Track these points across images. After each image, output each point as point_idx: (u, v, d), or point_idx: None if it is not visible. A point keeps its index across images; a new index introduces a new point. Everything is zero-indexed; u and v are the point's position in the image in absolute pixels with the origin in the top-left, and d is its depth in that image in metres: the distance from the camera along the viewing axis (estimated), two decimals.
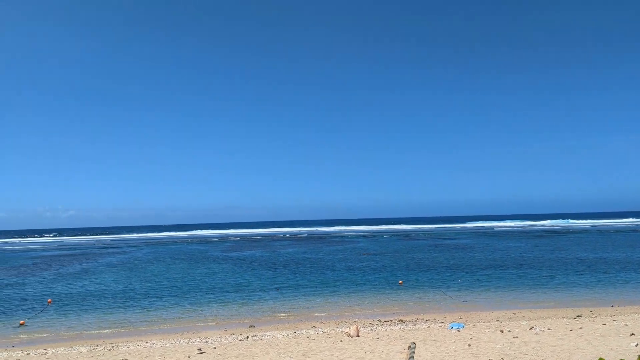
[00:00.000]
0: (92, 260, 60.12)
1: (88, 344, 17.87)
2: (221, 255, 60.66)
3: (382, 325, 19.76)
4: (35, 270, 48.68)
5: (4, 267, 53.41)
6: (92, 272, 44.25)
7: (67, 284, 35.99)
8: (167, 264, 50.76)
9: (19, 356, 16.03)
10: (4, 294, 31.74)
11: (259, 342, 16.92)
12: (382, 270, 39.85)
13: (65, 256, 68.55)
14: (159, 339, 18.56)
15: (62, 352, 16.58)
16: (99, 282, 36.62)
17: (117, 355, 15.10)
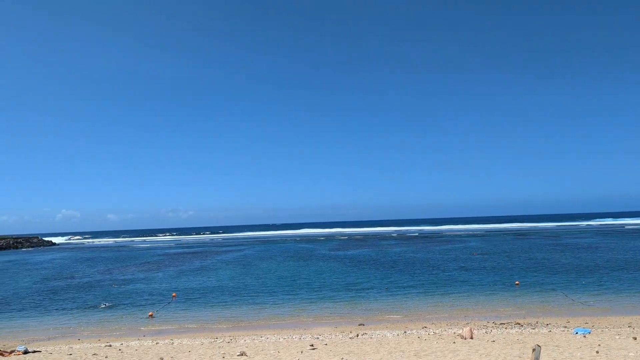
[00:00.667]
0: (209, 257, 64.04)
1: (209, 336, 18.98)
2: (329, 254, 61.62)
3: (498, 328, 18.76)
4: (160, 266, 52.90)
5: (134, 263, 58.69)
6: (210, 269, 47.11)
7: (188, 280, 38.63)
8: (277, 262, 52.60)
9: (150, 345, 17.44)
10: (135, 288, 34.83)
11: (369, 340, 16.86)
12: (496, 270, 37.96)
13: (185, 254, 73.74)
14: (272, 333, 19.22)
15: (186, 342, 17.77)
16: (216, 278, 38.85)
17: (235, 348, 15.85)
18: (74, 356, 15.09)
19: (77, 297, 31.78)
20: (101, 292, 33.24)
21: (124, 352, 15.59)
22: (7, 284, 40.43)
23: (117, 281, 39.75)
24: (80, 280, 41.55)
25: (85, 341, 19.11)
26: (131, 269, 50.74)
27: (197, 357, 14.03)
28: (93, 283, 39.16)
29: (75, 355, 15.20)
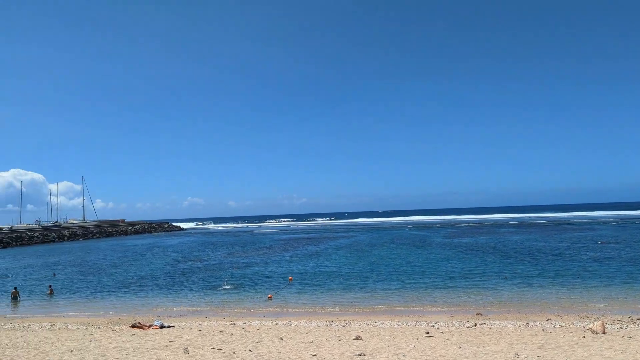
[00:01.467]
0: (322, 243, 65.55)
1: (324, 320, 19.44)
2: (443, 241, 60.11)
3: (635, 324, 17.01)
4: (277, 251, 55.23)
5: (253, 248, 61.88)
6: (323, 254, 48.22)
7: (303, 264, 39.87)
8: (390, 249, 52.41)
9: (270, 325, 18.28)
10: (254, 271, 36.71)
11: (488, 330, 16.16)
12: (635, 261, 34.48)
13: (300, 239, 76.18)
14: (387, 319, 19.19)
15: (303, 324, 18.37)
16: (330, 264, 39.67)
17: (350, 332, 16.06)
18: (203, 332, 16.26)
19: (203, 278, 34.25)
20: (224, 274, 35.48)
21: (247, 331, 16.48)
22: (144, 265, 44.70)
23: (238, 264, 42.19)
24: (205, 263, 44.73)
25: (212, 319, 20.51)
26: (250, 253, 53.59)
27: (314, 338, 14.42)
28: (217, 266, 41.95)
29: (204, 331, 16.37)
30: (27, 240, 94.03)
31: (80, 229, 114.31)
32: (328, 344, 13.46)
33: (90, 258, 55.68)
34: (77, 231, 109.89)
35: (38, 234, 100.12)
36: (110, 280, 34.86)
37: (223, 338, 14.78)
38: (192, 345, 13.13)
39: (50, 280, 35.14)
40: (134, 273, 38.77)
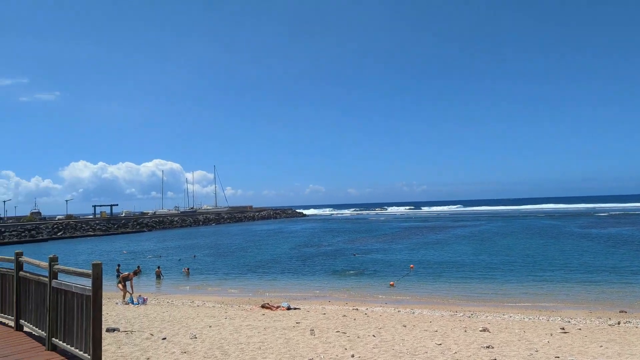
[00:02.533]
0: (444, 231, 63.86)
1: (448, 309, 18.96)
2: (581, 232, 55.43)
3: None
4: (396, 238, 54.92)
5: (372, 235, 62.18)
6: (445, 243, 46.98)
7: (424, 253, 39.21)
8: (519, 238, 49.55)
9: (392, 312, 18.27)
10: (375, 258, 36.88)
11: (634, 330, 14.60)
12: None
13: (420, 227, 74.98)
14: (516, 312, 18.19)
15: (426, 313, 18.09)
16: (452, 253, 38.54)
17: (476, 323, 15.49)
18: (327, 315, 16.72)
19: (325, 263, 35.18)
20: (345, 260, 36.12)
21: (370, 317, 16.63)
22: (270, 249, 47.07)
23: (358, 250, 42.69)
24: (327, 249, 45.91)
25: (335, 303, 21.01)
26: (370, 240, 53.93)
27: (438, 328, 14.13)
28: (337, 251, 42.84)
29: (328, 315, 16.82)
30: (168, 224, 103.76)
31: (213, 214, 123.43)
32: (453, 334, 13.11)
33: (221, 242, 59.92)
34: (210, 216, 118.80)
35: (177, 218, 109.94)
36: (240, 263, 37.23)
37: (346, 322, 15.07)
38: (318, 328, 13.55)
39: (190, 262, 38.44)
40: (261, 257, 40.99)
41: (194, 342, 10.79)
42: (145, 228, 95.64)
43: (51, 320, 7.24)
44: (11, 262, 8.82)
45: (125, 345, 10.16)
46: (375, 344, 11.27)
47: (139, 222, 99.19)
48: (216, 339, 11.40)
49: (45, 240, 73.70)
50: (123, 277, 22.16)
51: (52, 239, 75.04)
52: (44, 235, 77.07)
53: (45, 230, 79.46)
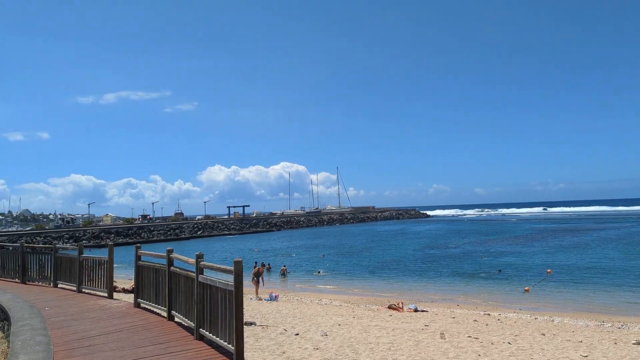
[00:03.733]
0: (584, 234, 58.55)
1: (593, 319, 17.31)
2: None
3: None
4: (530, 240, 51.45)
5: (503, 237, 58.91)
6: (587, 246, 43.02)
7: (563, 257, 36.23)
8: None
9: (528, 319, 17.13)
10: (506, 261, 34.89)
11: None
12: None
13: (556, 229, 69.47)
14: None
15: (567, 322, 16.70)
16: (596, 257, 35.17)
17: (628, 335, 13.94)
18: (456, 319, 16.17)
19: (451, 265, 34.08)
20: (473, 263, 34.66)
21: (503, 323, 15.77)
22: (393, 250, 46.76)
23: (488, 253, 40.72)
24: (453, 250, 44.46)
25: (464, 307, 20.23)
26: (500, 242, 51.17)
27: (583, 338, 12.95)
28: (464, 253, 41.27)
29: (458, 319, 16.26)
30: (295, 224, 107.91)
31: (337, 214, 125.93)
32: (601, 345, 11.93)
33: (345, 242, 60.85)
34: (334, 216, 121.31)
35: (303, 218, 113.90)
36: (363, 263, 37.47)
37: (478, 327, 14.44)
38: (448, 331, 13.15)
39: (319, 261, 39.56)
40: (384, 257, 40.89)
41: (325, 340, 11.07)
42: (274, 228, 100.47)
43: (198, 312, 7.87)
44: (163, 259, 9.74)
45: (262, 338, 10.73)
46: (512, 352, 10.65)
47: (269, 222, 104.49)
48: (346, 337, 11.58)
49: (187, 238, 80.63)
50: (255, 273, 23.45)
51: (193, 238, 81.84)
52: (186, 234, 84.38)
53: (187, 229, 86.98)
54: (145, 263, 10.60)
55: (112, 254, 12.33)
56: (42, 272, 15.26)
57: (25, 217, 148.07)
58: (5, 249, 18.25)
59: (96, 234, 76.03)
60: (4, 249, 18.09)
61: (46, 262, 15.08)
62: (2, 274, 16.60)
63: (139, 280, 10.79)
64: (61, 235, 71.41)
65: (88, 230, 78.63)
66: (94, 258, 13.11)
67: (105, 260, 12.39)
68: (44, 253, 15.75)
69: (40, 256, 15.71)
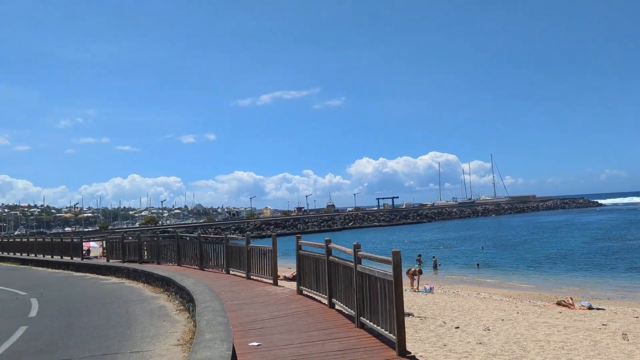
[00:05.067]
0: None
1: None
2: None
3: None
4: None
5: None
6: None
7: None
8: None
9: None
10: None
11: None
12: None
13: None
14: None
15: None
16: None
17: None
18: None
19: (629, 259, 30.29)
20: None
21: None
22: (559, 243, 43.01)
23: None
24: (631, 243, 39.50)
25: None
26: None
27: None
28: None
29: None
30: (446, 215, 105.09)
31: (492, 205, 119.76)
32: None
33: (503, 234, 57.54)
34: (489, 207, 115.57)
35: (455, 209, 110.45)
36: (524, 256, 35.06)
37: None
38: (631, 332, 11.69)
39: (477, 253, 38.03)
40: (548, 250, 37.83)
41: (488, 334, 10.56)
42: (424, 219, 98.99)
43: (358, 300, 8.01)
44: (322, 248, 10.11)
45: (420, 330, 10.61)
46: None
47: (419, 213, 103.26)
48: (511, 333, 10.92)
49: (339, 229, 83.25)
50: (412, 273, 23.16)
51: (344, 229, 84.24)
52: (338, 225, 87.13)
53: (338, 220, 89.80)
54: (305, 252, 11.08)
55: (275, 243, 13.14)
56: (216, 260, 16.88)
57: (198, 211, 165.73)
58: (184, 240, 20.50)
59: (258, 225, 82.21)
60: (183, 239, 20.36)
61: (219, 251, 16.63)
62: (185, 261, 18.73)
63: (300, 269, 11.35)
64: (228, 226, 78.58)
65: (251, 222, 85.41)
66: (259, 247, 14.10)
67: (269, 249, 13.24)
68: (217, 243, 17.42)
69: (214, 246, 17.41)
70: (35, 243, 31.97)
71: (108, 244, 25.10)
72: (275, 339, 7.29)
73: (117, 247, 23.13)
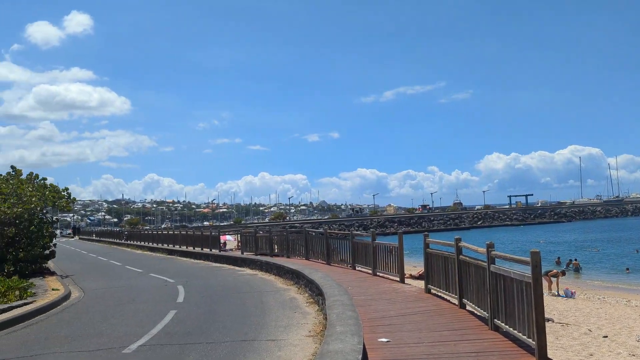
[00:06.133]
0: None
1: None
2: None
3: None
4: None
5: None
6: None
7: None
8: None
9: None
10: None
11: None
12: None
13: None
14: None
15: None
16: None
17: None
18: None
19: None
20: None
21: None
22: None
23: None
24: None
25: None
26: None
27: None
28: None
29: None
30: (589, 214, 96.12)
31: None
32: None
33: None
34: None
35: (600, 208, 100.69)
36: None
37: None
38: None
39: (629, 256, 34.33)
40: None
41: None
42: (563, 218, 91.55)
43: (492, 302, 7.64)
44: (451, 247, 9.80)
45: (562, 337, 9.83)
46: None
47: (556, 212, 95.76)
48: None
49: (466, 228, 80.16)
50: (552, 275, 21.57)
51: (473, 228, 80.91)
52: (465, 224, 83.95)
53: (466, 219, 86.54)
54: (433, 251, 10.85)
55: (401, 241, 13.03)
56: (342, 255, 17.19)
57: (323, 208, 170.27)
58: (311, 235, 21.13)
59: (381, 223, 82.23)
60: (310, 235, 21.00)
61: (345, 247, 16.91)
62: (312, 256, 19.32)
63: (428, 267, 11.12)
64: (352, 223, 79.67)
65: (374, 219, 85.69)
66: (385, 244, 14.08)
67: (395, 246, 13.16)
68: (342, 239, 17.73)
69: (340, 241, 17.74)
70: (179, 235, 35.11)
71: (242, 238, 26.77)
72: (404, 337, 7.22)
73: (250, 241, 24.57)
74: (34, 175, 23.55)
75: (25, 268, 19.77)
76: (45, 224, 22.30)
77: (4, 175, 23.05)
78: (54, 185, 24.04)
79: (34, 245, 20.77)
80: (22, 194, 20.91)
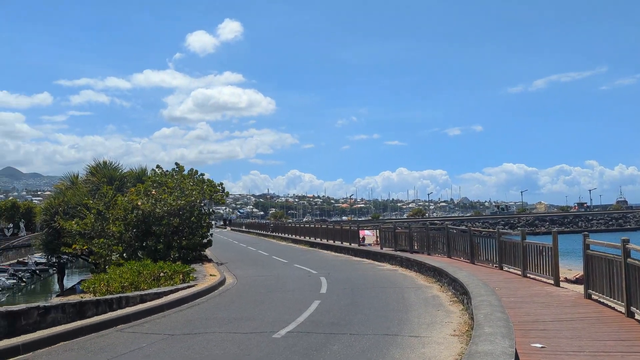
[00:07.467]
0: None
1: None
2: None
3: None
4: None
5: None
6: None
7: None
8: None
9: None
10: None
11: None
12: None
13: None
14: None
15: None
16: None
17: None
18: None
19: None
20: None
21: None
22: None
23: None
24: None
25: None
26: None
27: None
28: None
29: None
30: None
31: None
32: None
33: None
34: None
35: None
36: None
37: None
38: None
39: None
40: None
41: None
42: None
43: None
44: (617, 249, 8.80)
45: None
46: None
47: None
48: None
49: (632, 229, 71.38)
50: None
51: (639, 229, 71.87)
52: (631, 225, 74.89)
53: (632, 219, 77.22)
54: (595, 252, 9.85)
55: (556, 240, 12.03)
56: (487, 255, 16.36)
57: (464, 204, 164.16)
58: (453, 232, 20.42)
59: (530, 222, 76.88)
60: (452, 232, 20.31)
61: (491, 246, 16.06)
62: (454, 254, 18.69)
63: (588, 270, 10.13)
64: (497, 221, 75.59)
65: (522, 218, 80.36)
66: (536, 244, 13.11)
67: (548, 246, 12.20)
68: (487, 237, 16.86)
69: (485, 239, 16.90)
70: (320, 229, 36.31)
71: (381, 233, 26.86)
72: (561, 344, 6.66)
73: (389, 237, 24.52)
74: (194, 171, 26.09)
75: (187, 255, 22.04)
76: (204, 215, 24.56)
77: (169, 171, 25.89)
78: (211, 180, 26.42)
79: (194, 235, 23.04)
80: (184, 188, 23.31)
